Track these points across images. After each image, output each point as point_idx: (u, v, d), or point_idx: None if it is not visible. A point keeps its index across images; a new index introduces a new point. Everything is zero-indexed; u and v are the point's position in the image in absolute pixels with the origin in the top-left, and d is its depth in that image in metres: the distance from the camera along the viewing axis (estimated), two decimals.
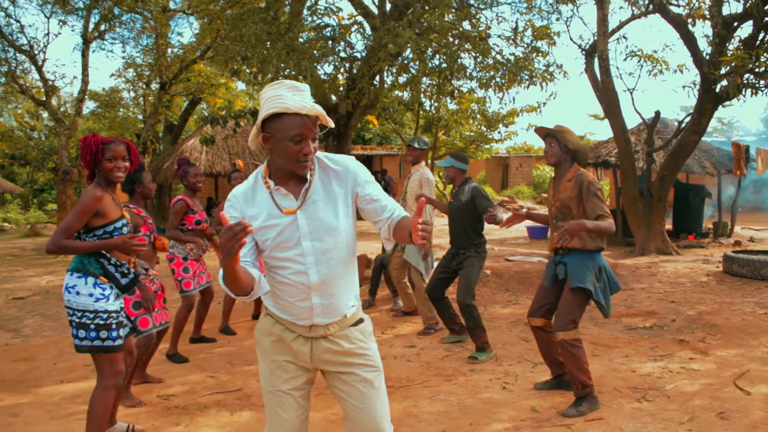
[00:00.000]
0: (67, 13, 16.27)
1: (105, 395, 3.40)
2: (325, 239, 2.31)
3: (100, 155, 3.49)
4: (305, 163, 2.25)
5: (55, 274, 11.30)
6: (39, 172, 29.54)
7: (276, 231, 2.30)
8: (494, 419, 4.16)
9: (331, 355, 2.41)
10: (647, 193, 12.45)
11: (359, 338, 2.44)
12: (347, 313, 2.42)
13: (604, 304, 4.32)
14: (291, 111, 2.17)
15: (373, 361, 2.46)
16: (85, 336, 3.35)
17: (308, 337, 2.40)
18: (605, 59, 12.16)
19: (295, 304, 2.36)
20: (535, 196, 31.03)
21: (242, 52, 9.20)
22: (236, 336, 6.64)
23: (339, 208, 2.34)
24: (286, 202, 2.31)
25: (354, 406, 2.42)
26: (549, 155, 4.46)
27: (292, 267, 2.32)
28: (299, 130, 2.19)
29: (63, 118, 16.35)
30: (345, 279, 2.40)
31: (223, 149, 17.51)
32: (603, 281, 4.32)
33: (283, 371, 2.43)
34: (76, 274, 3.38)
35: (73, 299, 3.36)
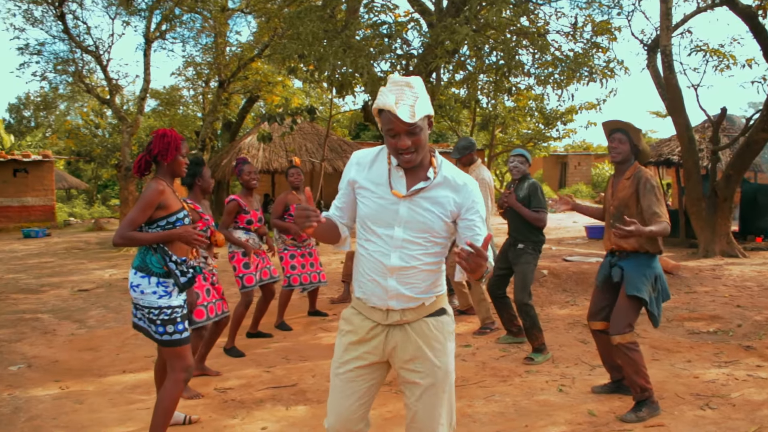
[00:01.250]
0: (131, 14, 16.73)
1: (175, 388, 3.51)
2: (417, 233, 2.40)
3: (180, 149, 3.63)
4: (404, 156, 2.34)
5: (117, 268, 11.64)
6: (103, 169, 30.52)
7: (377, 204, 2.42)
8: (550, 422, 4.08)
9: (403, 346, 2.45)
10: (712, 193, 12.04)
11: (434, 333, 2.47)
12: (426, 302, 2.46)
13: (657, 315, 4.20)
14: (380, 108, 2.31)
15: (443, 363, 2.47)
16: (155, 331, 3.46)
17: (385, 325, 2.45)
18: (668, 54, 11.81)
19: (373, 282, 2.43)
20: (594, 195, 30.43)
21: (299, 50, 9.28)
22: (292, 332, 6.71)
23: (438, 212, 2.41)
24: (398, 184, 2.41)
25: (412, 409, 2.47)
26: (617, 152, 4.29)
27: (377, 244, 2.41)
28: (390, 125, 2.30)
29: (126, 116, 16.85)
30: (426, 273, 2.44)
31: (280, 146, 17.72)
32: (658, 290, 4.20)
33: (351, 356, 2.49)
34: (139, 273, 3.47)
35: (139, 297, 3.47)
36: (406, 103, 2.27)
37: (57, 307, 8.27)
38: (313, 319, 7.24)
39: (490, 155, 21.01)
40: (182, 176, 3.76)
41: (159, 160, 3.61)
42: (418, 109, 2.29)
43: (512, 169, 5.78)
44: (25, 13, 16.29)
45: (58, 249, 15.52)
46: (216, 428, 4.10)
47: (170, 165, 3.63)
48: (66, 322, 7.37)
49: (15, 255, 14.44)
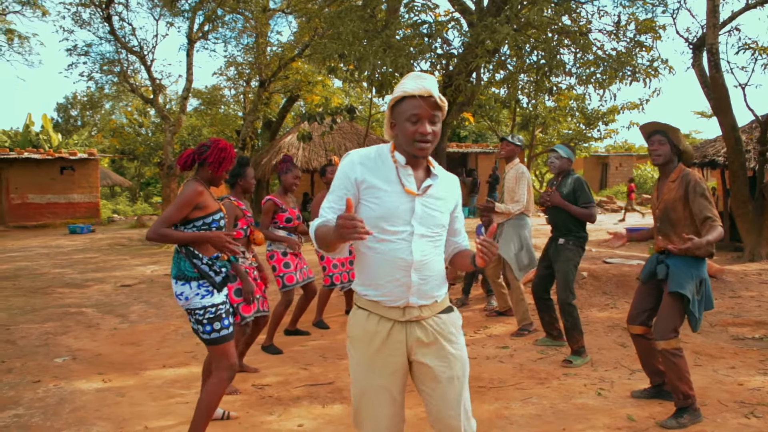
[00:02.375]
0: (174, 15, 17.03)
1: (219, 386, 3.59)
2: (431, 227, 2.47)
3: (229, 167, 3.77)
4: (422, 143, 2.38)
5: (159, 264, 11.85)
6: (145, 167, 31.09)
7: (392, 203, 2.41)
8: (588, 426, 4.03)
9: (423, 341, 2.47)
10: (759, 195, 11.74)
11: (449, 330, 2.53)
12: (438, 299, 2.51)
13: (698, 317, 4.10)
14: (408, 94, 2.36)
15: (459, 355, 2.53)
16: (203, 330, 3.54)
17: (403, 322, 2.46)
18: (715, 53, 11.54)
19: (393, 281, 2.42)
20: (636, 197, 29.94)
21: (339, 50, 9.32)
22: (329, 330, 6.74)
23: (444, 208, 2.53)
24: (408, 182, 2.45)
25: (429, 394, 2.50)
26: (657, 154, 4.22)
27: (394, 242, 2.41)
28: (415, 110, 2.35)
29: (168, 115, 17.15)
30: (439, 266, 2.51)
31: (319, 146, 17.83)
32: (702, 294, 4.10)
33: (380, 365, 2.47)
34: (179, 282, 3.54)
35: (185, 304, 3.56)
36: (436, 89, 2.38)
37: (100, 301, 8.46)
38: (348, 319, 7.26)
39: (530, 155, 20.83)
40: (219, 184, 3.84)
41: (204, 165, 3.69)
42: (443, 98, 2.41)
43: (550, 165, 5.73)
44: (74, 15, 16.70)
45: (101, 245, 15.88)
46: (253, 424, 4.15)
47: (214, 173, 3.73)
48: (109, 316, 7.54)
49: (61, 250, 14.82)
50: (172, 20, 17.44)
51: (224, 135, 23.28)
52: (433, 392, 2.49)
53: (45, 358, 5.77)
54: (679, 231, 4.10)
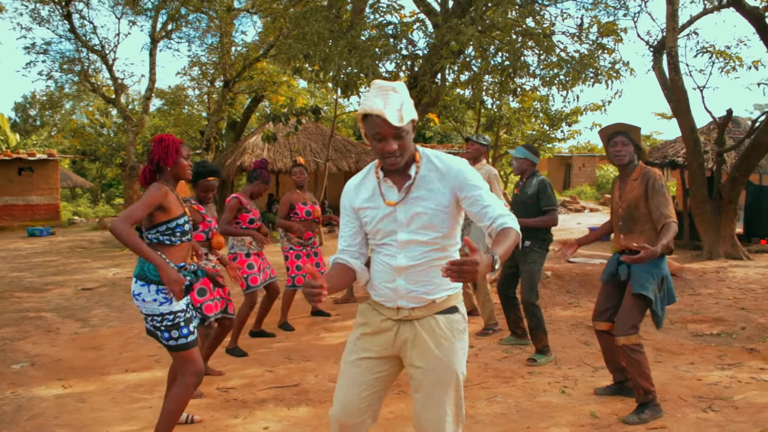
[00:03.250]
0: (137, 14, 16.78)
1: (184, 392, 3.52)
2: (420, 231, 2.44)
3: (180, 153, 3.62)
4: (390, 159, 2.39)
5: (121, 267, 11.67)
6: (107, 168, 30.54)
7: (377, 217, 2.49)
8: (552, 423, 4.08)
9: (411, 342, 2.48)
10: (717, 195, 12.01)
11: (444, 331, 2.47)
12: (436, 300, 2.49)
13: (660, 316, 4.18)
14: (368, 113, 2.34)
15: (451, 362, 2.47)
16: (162, 336, 3.47)
17: (395, 320, 2.51)
18: (674, 56, 11.77)
19: (384, 285, 2.51)
20: (598, 197, 30.38)
21: (304, 50, 9.28)
22: (295, 332, 6.71)
23: (434, 205, 2.44)
24: (390, 193, 2.48)
25: (416, 397, 2.49)
26: (622, 155, 4.27)
27: (385, 250, 2.50)
28: (376, 129, 2.34)
29: (131, 116, 16.89)
30: (436, 269, 2.41)
31: (284, 146, 17.73)
32: (663, 291, 4.18)
33: (361, 347, 2.56)
34: (139, 282, 3.47)
35: (141, 305, 3.48)
36: (394, 107, 2.32)
37: (60, 305, 8.29)
38: (316, 319, 7.24)
39: (494, 156, 20.99)
40: (187, 179, 3.74)
41: (162, 166, 3.59)
42: (405, 113, 2.35)
43: (513, 165, 5.80)
44: (32, 12, 16.33)
45: (62, 248, 15.57)
46: (218, 428, 4.11)
47: (173, 169, 3.61)
48: (69, 320, 7.40)
49: (19, 253, 14.49)
50: (134, 19, 17.17)
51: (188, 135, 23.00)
52: (416, 394, 2.49)
53: (2, 364, 5.63)
54: (641, 228, 4.17)
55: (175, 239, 3.53)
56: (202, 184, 4.96)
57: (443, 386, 2.45)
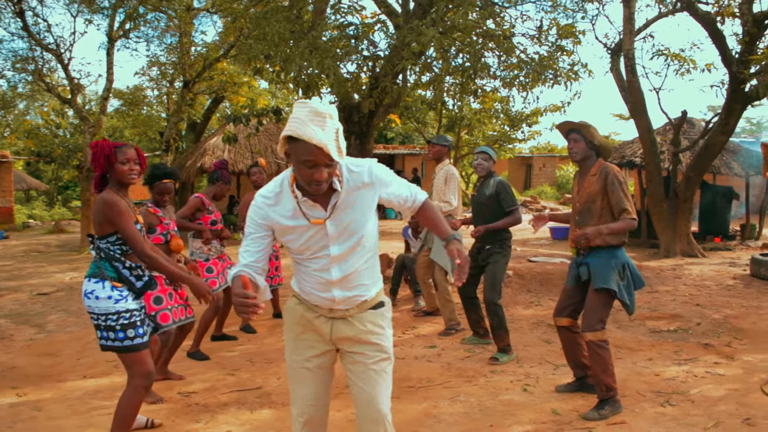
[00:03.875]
0: (93, 12, 16.40)
1: (135, 395, 3.44)
2: (351, 241, 2.48)
3: (113, 158, 3.48)
4: (318, 187, 2.32)
5: (78, 271, 11.42)
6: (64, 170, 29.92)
7: (304, 237, 2.46)
8: (515, 421, 4.11)
9: (347, 335, 2.57)
10: (673, 194, 12.29)
11: (375, 322, 2.60)
12: (367, 298, 2.58)
13: (629, 303, 4.24)
14: (302, 139, 2.23)
15: (383, 347, 2.60)
16: (115, 337, 3.39)
17: (329, 317, 2.58)
18: (631, 58, 12.00)
19: (317, 294, 2.54)
20: (558, 197, 30.80)
21: (265, 51, 9.21)
22: (257, 334, 6.65)
23: (364, 212, 2.49)
24: (313, 212, 2.43)
25: (358, 386, 2.57)
26: (574, 152, 4.38)
27: (317, 264, 2.50)
28: (310, 156, 2.25)
29: (88, 116, 16.53)
30: (367, 272, 2.57)
31: (245, 148, 17.57)
32: (627, 278, 4.24)
33: (303, 347, 2.63)
34: (93, 279, 3.41)
35: (93, 304, 3.40)
36: (331, 137, 2.26)
37: (14, 311, 8.08)
38: (277, 321, 7.19)
39: (455, 157, 21.13)
40: (130, 183, 3.56)
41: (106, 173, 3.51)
42: (341, 144, 2.32)
43: (476, 167, 5.79)
44: None
45: (16, 252, 15.17)
46: None
47: (112, 175, 3.50)
48: (24, 326, 7.21)
49: None
50: (90, 17, 16.77)
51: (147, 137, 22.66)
52: (360, 379, 2.57)
53: None
54: (596, 223, 4.24)
55: (126, 248, 3.48)
56: (158, 186, 4.87)
57: (380, 371, 2.57)
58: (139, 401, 3.47)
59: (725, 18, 11.63)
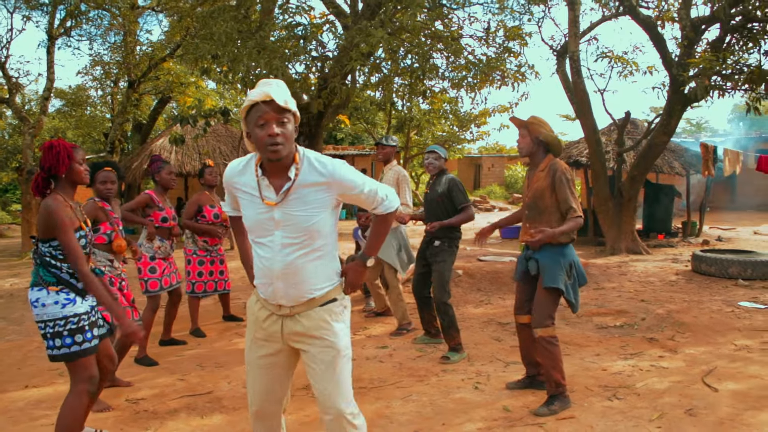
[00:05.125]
0: (31, 9, 15.90)
1: (77, 401, 3.34)
2: (296, 234, 2.50)
3: (73, 157, 3.40)
4: (273, 146, 2.40)
5: (19, 277, 11.06)
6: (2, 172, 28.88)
7: (254, 215, 2.54)
8: (467, 419, 4.15)
9: (296, 331, 2.59)
10: (618, 193, 12.58)
11: (322, 318, 2.59)
12: (316, 295, 2.58)
13: (574, 301, 4.33)
14: (252, 102, 2.42)
15: (331, 341, 2.59)
16: (62, 344, 3.28)
17: (279, 315, 2.61)
18: (576, 60, 12.26)
19: (264, 285, 2.60)
20: (507, 196, 31.24)
21: (212, 51, 9.08)
22: (206, 338, 6.54)
23: (316, 211, 2.51)
24: (268, 193, 2.50)
25: (313, 383, 2.63)
26: (520, 147, 4.49)
27: (263, 250, 2.55)
28: (261, 114, 2.41)
29: (27, 117, 16.00)
30: (315, 269, 2.56)
31: (193, 149, 17.29)
32: (573, 277, 4.33)
33: (256, 345, 2.69)
34: (36, 288, 3.31)
35: (41, 312, 3.30)
36: (279, 94, 2.41)
37: None
38: (228, 325, 7.09)
39: (405, 157, 21.22)
40: (85, 183, 3.55)
41: (54, 174, 3.39)
42: (289, 102, 2.45)
43: (427, 165, 5.82)
44: None
45: None
46: None
47: (68, 176, 3.42)
48: None
49: None
50: (29, 14, 16.25)
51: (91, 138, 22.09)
52: (312, 376, 2.61)
53: None
54: (546, 218, 4.30)
55: None
56: (100, 175, 4.64)
57: (333, 366, 2.59)
58: (82, 408, 3.36)
59: (665, 22, 12.00)
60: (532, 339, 4.58)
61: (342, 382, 2.61)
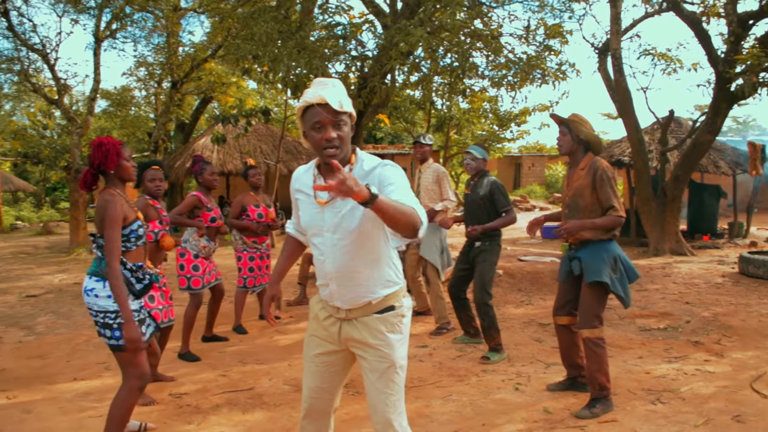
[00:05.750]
0: (79, 12, 16.29)
1: (129, 396, 3.43)
2: (346, 235, 2.49)
3: (122, 155, 3.53)
4: (329, 149, 2.41)
5: (68, 272, 11.35)
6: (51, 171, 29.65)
7: (308, 215, 2.59)
8: (507, 420, 4.12)
9: (354, 337, 2.59)
10: (661, 193, 12.35)
11: (377, 328, 2.56)
12: (372, 300, 2.56)
13: (623, 295, 4.23)
14: (308, 103, 2.42)
15: (385, 352, 2.56)
16: (111, 335, 3.38)
17: (337, 318, 2.62)
18: (618, 58, 12.06)
19: (322, 286, 2.63)
20: (548, 196, 30.92)
21: (253, 51, 9.19)
22: (248, 335, 6.63)
23: (362, 211, 2.43)
24: (320, 192, 2.51)
25: (366, 390, 2.63)
26: (560, 145, 4.43)
27: (317, 253, 2.59)
28: (317, 118, 2.40)
29: (75, 117, 16.39)
30: (368, 272, 2.53)
31: (234, 148, 17.53)
32: (619, 271, 4.24)
33: (313, 342, 2.72)
34: (94, 277, 3.41)
35: (92, 301, 3.39)
36: (334, 96, 2.41)
37: (3, 313, 8.01)
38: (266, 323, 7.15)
39: (445, 156, 21.16)
40: (133, 180, 3.67)
41: (104, 170, 3.52)
42: (344, 103, 2.44)
43: (466, 166, 5.83)
44: None
45: (4, 254, 15.05)
46: None
47: (117, 172, 3.54)
48: (13, 329, 7.15)
49: None
50: (77, 17, 16.65)
51: (135, 137, 22.54)
52: (366, 384, 2.61)
53: None
54: (586, 217, 4.24)
55: (130, 245, 3.51)
56: (148, 174, 4.80)
57: (383, 375, 2.57)
58: (132, 403, 3.45)
59: (710, 18, 11.73)
60: (571, 341, 4.53)
61: (393, 394, 2.58)
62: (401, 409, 2.62)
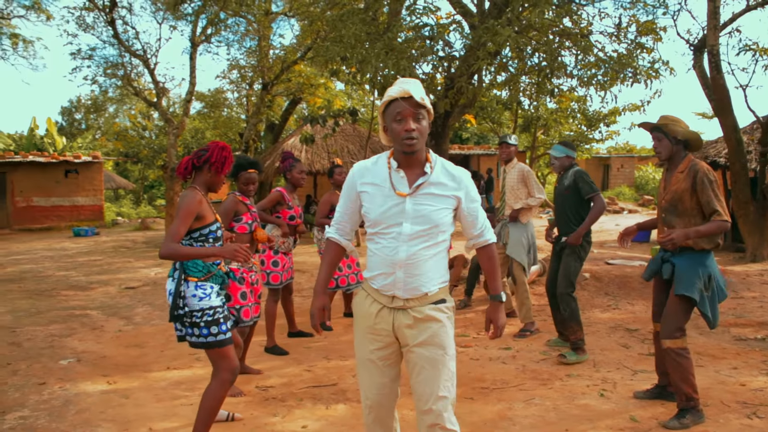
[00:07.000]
0: (177, 19, 17.04)
1: (220, 389, 3.58)
2: (424, 227, 2.61)
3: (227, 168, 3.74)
4: (409, 141, 2.57)
5: (163, 266, 11.90)
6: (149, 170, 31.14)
7: (384, 207, 2.64)
8: (591, 427, 4.05)
9: (406, 326, 2.65)
10: (760, 196, 11.74)
11: (432, 316, 2.64)
12: (429, 292, 2.65)
13: (710, 316, 4.05)
14: (391, 98, 2.59)
15: (439, 341, 2.64)
16: (199, 333, 3.52)
17: (390, 308, 2.67)
18: (716, 54, 11.55)
19: (382, 276, 2.67)
20: (637, 198, 29.92)
21: (342, 53, 9.34)
22: (333, 332, 6.77)
23: (442, 205, 2.64)
24: (400, 184, 2.64)
25: (413, 382, 2.67)
26: (659, 151, 4.24)
27: (387, 240, 2.64)
28: (399, 109, 2.57)
29: (172, 118, 17.16)
30: (432, 263, 2.65)
31: (322, 148, 17.85)
32: (711, 290, 4.07)
33: (367, 339, 2.74)
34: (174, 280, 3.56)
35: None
36: (417, 91, 2.58)
37: (105, 304, 8.50)
38: (351, 320, 7.28)
39: (531, 157, 20.86)
40: (216, 192, 3.81)
41: (202, 168, 3.68)
42: (425, 98, 2.60)
43: (551, 166, 5.82)
44: (78, 19, 16.74)
45: (106, 247, 15.93)
46: (257, 425, 4.18)
47: (212, 177, 3.70)
48: (113, 318, 7.58)
49: (66, 253, 14.87)
50: (175, 24, 17.49)
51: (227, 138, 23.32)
52: (416, 374, 2.65)
53: (50, 360, 5.80)
54: (686, 222, 4.08)
55: (208, 245, 3.61)
56: (243, 176, 4.98)
57: (435, 365, 2.63)
58: (223, 395, 3.60)
59: None
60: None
61: (446, 381, 2.64)
62: (453, 397, 2.66)
